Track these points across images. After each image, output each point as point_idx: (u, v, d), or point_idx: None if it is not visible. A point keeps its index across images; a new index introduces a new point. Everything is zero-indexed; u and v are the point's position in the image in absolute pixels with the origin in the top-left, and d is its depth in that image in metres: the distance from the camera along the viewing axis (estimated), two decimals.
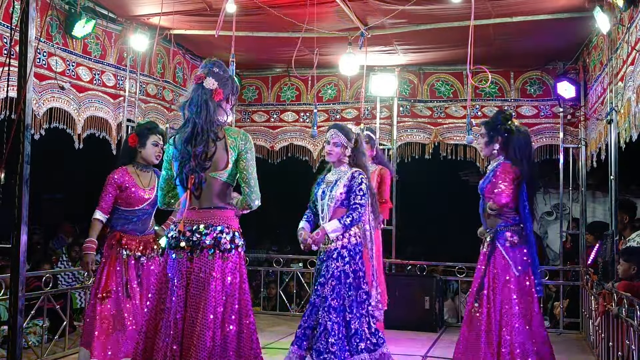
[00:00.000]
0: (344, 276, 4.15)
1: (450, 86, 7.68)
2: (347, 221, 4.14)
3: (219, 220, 3.10)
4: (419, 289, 6.81)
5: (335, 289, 4.12)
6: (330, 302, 4.09)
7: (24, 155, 3.03)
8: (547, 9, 5.72)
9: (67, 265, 7.14)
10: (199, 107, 3.09)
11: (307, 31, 5.99)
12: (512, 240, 4.11)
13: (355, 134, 4.40)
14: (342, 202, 4.23)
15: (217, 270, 3.02)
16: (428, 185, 10.90)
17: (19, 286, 3.01)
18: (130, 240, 4.36)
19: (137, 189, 4.37)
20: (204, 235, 3.05)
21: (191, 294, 2.99)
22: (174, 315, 2.98)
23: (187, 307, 2.99)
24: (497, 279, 4.11)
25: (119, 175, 4.37)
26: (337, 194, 4.23)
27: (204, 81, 3.14)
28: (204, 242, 3.04)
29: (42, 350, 5.14)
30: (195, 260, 3.04)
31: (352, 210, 4.18)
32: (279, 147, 8.07)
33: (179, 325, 2.96)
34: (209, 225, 3.07)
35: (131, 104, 6.34)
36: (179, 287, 3.02)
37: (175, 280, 3.04)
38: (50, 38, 5.35)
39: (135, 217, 4.39)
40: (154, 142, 4.42)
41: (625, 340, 4.20)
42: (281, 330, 6.42)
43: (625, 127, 4.82)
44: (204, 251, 3.04)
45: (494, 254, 4.15)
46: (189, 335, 2.94)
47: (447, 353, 5.50)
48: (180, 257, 3.06)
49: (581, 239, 7.14)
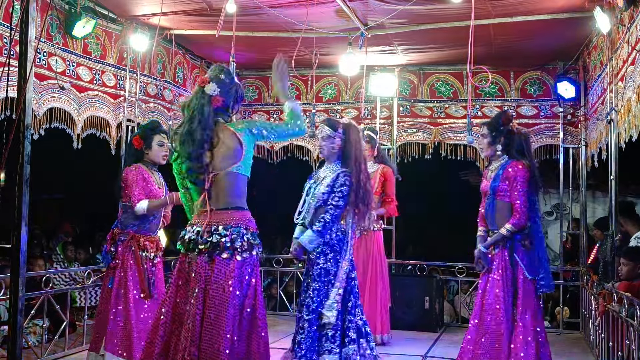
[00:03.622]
0: (323, 273, 4.11)
1: (450, 86, 7.68)
2: (319, 227, 4.06)
3: (237, 220, 3.08)
4: (419, 289, 6.80)
5: (311, 286, 4.11)
6: (304, 300, 4.12)
7: (24, 155, 3.03)
8: (547, 9, 5.72)
9: (63, 265, 7.14)
10: (194, 110, 3.10)
11: (307, 31, 5.99)
12: (524, 243, 4.12)
13: (343, 123, 4.31)
14: (324, 202, 4.13)
15: (236, 273, 3.01)
16: (428, 185, 10.89)
17: (19, 286, 3.01)
18: (146, 240, 4.36)
19: (154, 185, 4.38)
20: (223, 236, 3.02)
21: (210, 296, 2.97)
22: (193, 317, 2.95)
23: (206, 309, 2.96)
24: (507, 281, 4.11)
25: (140, 169, 4.35)
26: (320, 193, 4.16)
27: (206, 86, 3.15)
28: (223, 244, 3.01)
29: (42, 350, 5.14)
30: (215, 262, 3.01)
31: (325, 212, 4.08)
32: (278, 147, 8.07)
33: (197, 328, 2.94)
34: (227, 226, 3.05)
35: (131, 104, 6.33)
36: (199, 289, 2.99)
37: (194, 282, 3.02)
38: (50, 38, 5.34)
39: (152, 216, 4.39)
40: (159, 142, 4.41)
41: (625, 340, 4.20)
42: (281, 330, 6.42)
43: (625, 127, 4.82)
44: (223, 253, 3.01)
45: (509, 257, 4.14)
46: (209, 340, 2.91)
47: (447, 353, 5.51)
48: (198, 260, 3.03)
49: (581, 239, 7.14)
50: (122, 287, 4.25)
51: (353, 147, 4.23)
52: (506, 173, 4.12)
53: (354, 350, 4.07)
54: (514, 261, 4.09)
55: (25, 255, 3.05)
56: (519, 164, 4.12)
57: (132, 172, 4.33)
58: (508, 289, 4.07)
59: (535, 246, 4.13)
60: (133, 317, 4.18)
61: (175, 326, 3.05)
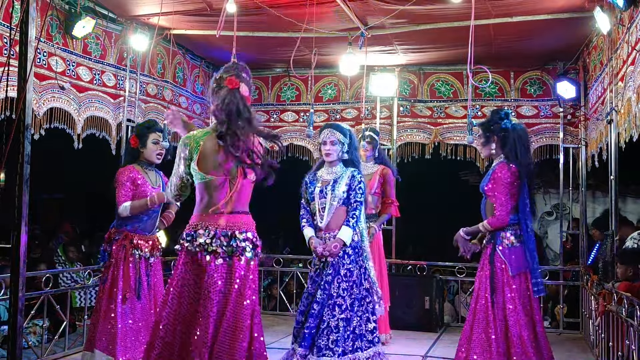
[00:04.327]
0: (349, 274, 4.23)
1: (450, 86, 7.68)
2: (353, 222, 4.28)
3: (246, 226, 3.15)
4: (419, 289, 6.80)
5: (341, 286, 4.18)
6: (336, 299, 4.15)
7: (24, 155, 3.03)
8: (547, 9, 5.72)
9: (65, 265, 7.14)
10: (240, 112, 3.13)
11: (307, 31, 5.99)
12: (509, 241, 4.10)
13: (348, 129, 4.50)
14: (343, 201, 4.33)
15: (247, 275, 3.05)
16: (428, 185, 10.89)
17: (19, 286, 3.01)
18: (140, 239, 4.37)
19: (147, 186, 4.38)
20: (240, 240, 3.08)
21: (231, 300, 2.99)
22: (206, 320, 2.96)
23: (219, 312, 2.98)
24: (497, 280, 4.10)
25: (131, 171, 4.37)
26: (340, 193, 4.31)
27: (239, 87, 3.18)
28: (236, 248, 3.06)
29: (42, 350, 5.14)
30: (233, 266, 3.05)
31: (354, 209, 4.30)
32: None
33: (210, 329, 2.95)
34: (242, 231, 3.11)
35: (131, 104, 6.34)
36: (214, 292, 3.00)
37: (206, 284, 3.03)
38: (50, 38, 5.35)
39: (146, 216, 4.40)
40: (154, 140, 4.42)
41: (625, 340, 4.20)
42: (281, 330, 6.42)
43: (625, 127, 4.82)
44: (235, 257, 3.06)
45: (493, 255, 4.14)
46: (222, 342, 2.93)
47: (447, 353, 5.50)
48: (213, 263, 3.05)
49: (581, 239, 7.14)
50: (114, 286, 4.27)
51: (356, 151, 4.52)
52: (494, 174, 4.13)
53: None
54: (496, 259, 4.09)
55: (25, 255, 3.05)
56: (505, 166, 4.11)
57: (121, 174, 4.36)
58: (499, 287, 4.07)
59: (523, 246, 4.10)
60: (119, 315, 4.20)
61: (180, 327, 3.05)
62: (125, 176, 4.34)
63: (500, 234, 4.10)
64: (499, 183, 4.07)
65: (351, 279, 4.23)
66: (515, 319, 4.00)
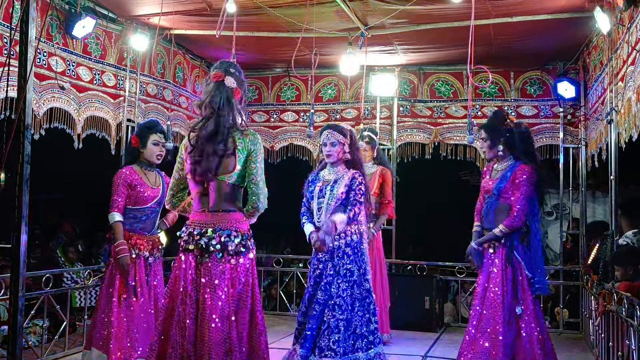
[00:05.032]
0: (349, 274, 4.23)
1: (450, 86, 7.68)
2: (350, 214, 4.25)
3: (227, 223, 3.09)
4: (419, 289, 6.80)
5: (341, 287, 4.18)
6: (336, 300, 4.15)
7: (24, 155, 3.03)
8: (547, 9, 5.72)
9: (65, 266, 7.14)
10: (222, 104, 3.08)
11: (307, 31, 5.99)
12: (523, 242, 4.12)
13: (348, 129, 4.49)
14: (342, 202, 4.31)
15: (227, 274, 3.02)
16: (428, 185, 10.89)
17: (19, 286, 3.01)
18: (139, 239, 4.37)
19: (145, 187, 4.38)
20: (212, 239, 3.05)
21: (202, 297, 2.99)
22: (187, 317, 2.97)
23: (199, 310, 2.98)
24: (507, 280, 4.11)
25: (128, 173, 4.37)
26: (339, 193, 4.31)
27: (224, 79, 3.14)
28: (212, 246, 3.04)
29: (42, 350, 5.14)
30: (205, 263, 3.03)
31: (353, 205, 4.28)
32: (278, 147, 8.07)
33: (191, 327, 2.96)
34: (217, 229, 3.07)
35: (131, 104, 6.34)
36: (191, 289, 3.01)
37: (184, 282, 3.04)
38: (51, 38, 5.34)
39: (144, 216, 4.40)
40: (155, 141, 4.42)
41: (625, 340, 4.20)
42: (281, 330, 6.42)
43: (625, 127, 4.82)
44: (213, 255, 3.03)
45: (511, 256, 4.13)
46: (201, 341, 2.93)
47: (447, 353, 5.50)
48: (190, 260, 3.06)
49: (581, 239, 7.13)
50: (111, 286, 4.28)
51: (357, 151, 4.50)
52: (514, 175, 4.13)
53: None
54: (514, 260, 4.09)
55: (25, 255, 3.05)
56: (527, 167, 4.12)
57: (117, 177, 4.36)
58: (508, 287, 4.07)
59: (532, 247, 4.13)
60: (114, 314, 4.21)
61: (171, 325, 3.05)
62: (120, 179, 4.33)
63: (515, 236, 4.10)
64: (523, 184, 4.07)
65: (351, 279, 4.23)
66: (529, 319, 4.02)
